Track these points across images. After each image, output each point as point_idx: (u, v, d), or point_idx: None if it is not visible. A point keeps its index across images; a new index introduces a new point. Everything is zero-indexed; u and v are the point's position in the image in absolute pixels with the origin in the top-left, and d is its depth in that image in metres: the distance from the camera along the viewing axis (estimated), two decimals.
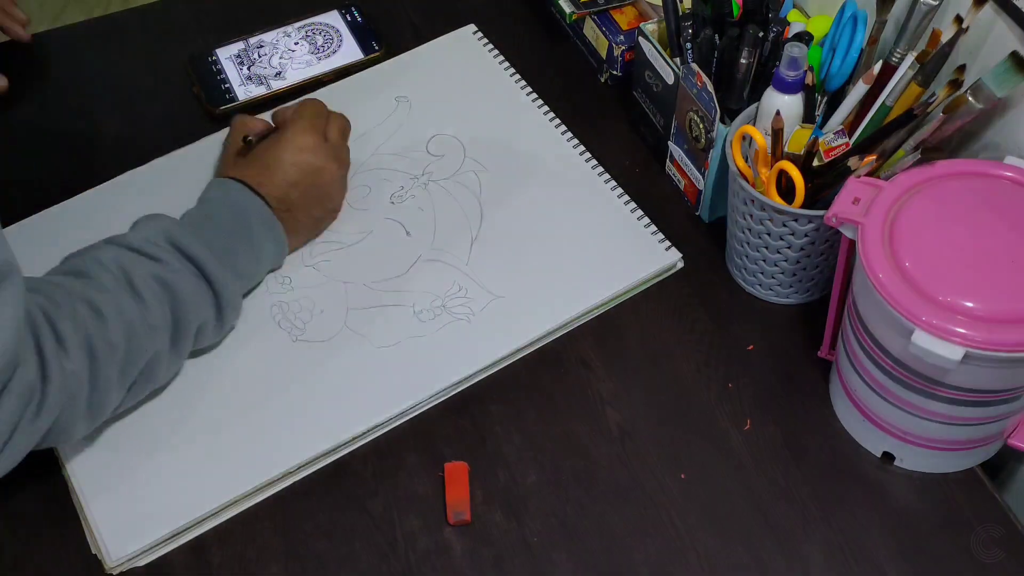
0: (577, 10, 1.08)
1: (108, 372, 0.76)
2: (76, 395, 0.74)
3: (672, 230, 0.98)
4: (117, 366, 0.77)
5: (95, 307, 0.76)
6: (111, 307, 0.77)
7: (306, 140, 0.92)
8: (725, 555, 0.81)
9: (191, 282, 0.82)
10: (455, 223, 0.98)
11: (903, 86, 0.83)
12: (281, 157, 0.91)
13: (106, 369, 0.76)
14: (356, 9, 1.15)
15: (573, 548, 0.81)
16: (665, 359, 0.91)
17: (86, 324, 0.75)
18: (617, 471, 0.85)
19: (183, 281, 0.81)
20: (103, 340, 0.76)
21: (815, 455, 0.86)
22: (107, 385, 0.77)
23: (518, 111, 1.06)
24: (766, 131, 0.86)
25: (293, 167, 0.91)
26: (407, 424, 0.88)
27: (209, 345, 0.89)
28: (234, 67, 1.10)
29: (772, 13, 0.92)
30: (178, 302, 0.81)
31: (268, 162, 0.91)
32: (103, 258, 0.80)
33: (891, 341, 0.76)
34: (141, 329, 0.78)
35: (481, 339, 0.91)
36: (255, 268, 0.90)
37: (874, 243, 0.75)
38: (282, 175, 0.91)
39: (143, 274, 0.80)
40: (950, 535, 0.82)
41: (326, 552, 0.82)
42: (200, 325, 0.84)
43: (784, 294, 0.93)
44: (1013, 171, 0.78)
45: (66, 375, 0.73)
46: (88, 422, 0.78)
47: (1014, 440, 0.84)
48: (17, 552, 0.82)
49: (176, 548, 0.82)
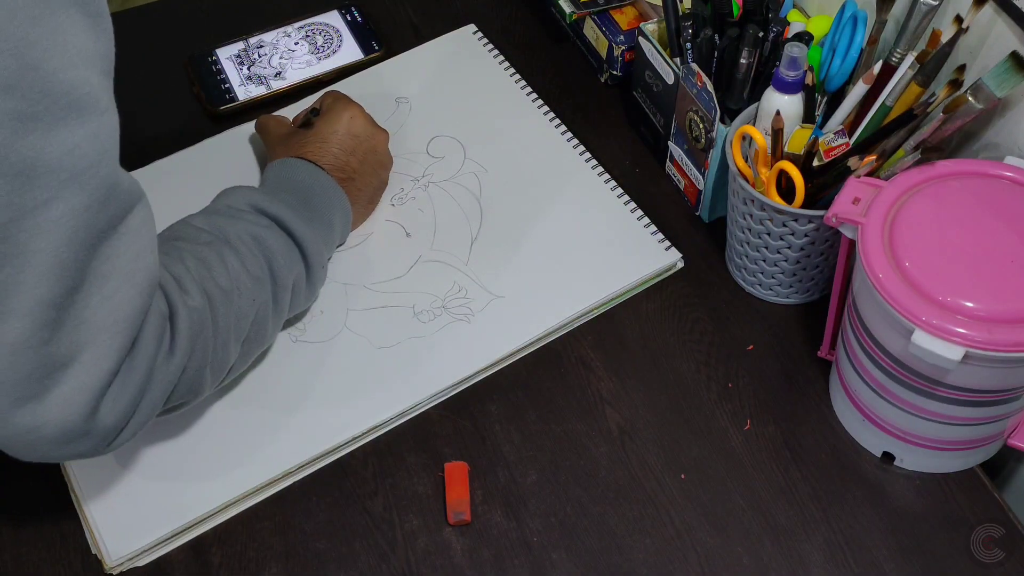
0: (577, 10, 1.08)
1: (227, 315, 0.77)
2: (203, 333, 0.74)
3: (672, 230, 0.98)
4: (232, 311, 0.77)
5: (201, 258, 0.78)
6: (215, 259, 0.78)
7: (354, 110, 0.95)
8: (725, 555, 0.81)
9: (281, 238, 0.83)
10: (455, 224, 0.98)
11: (903, 86, 0.83)
12: (336, 128, 0.93)
13: (224, 311, 0.76)
14: (356, 9, 1.15)
15: (573, 548, 0.81)
16: (665, 359, 0.91)
17: (198, 270, 0.76)
18: (617, 471, 0.85)
19: (273, 237, 0.83)
20: (215, 285, 0.76)
21: (815, 455, 0.86)
22: (227, 330, 0.77)
23: (518, 111, 1.06)
24: (766, 131, 0.86)
25: (349, 136, 0.93)
26: (407, 424, 0.88)
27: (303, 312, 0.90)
28: (234, 67, 1.10)
29: (772, 13, 0.92)
30: (272, 256, 0.82)
31: (323, 135, 0.93)
32: (195, 222, 0.82)
33: (891, 341, 0.76)
34: (245, 279, 0.79)
35: (481, 339, 0.91)
36: (330, 236, 0.90)
37: (874, 243, 0.75)
38: (339, 145, 0.93)
39: (237, 230, 0.81)
40: (950, 535, 0.82)
41: (326, 552, 0.82)
42: (295, 282, 0.85)
43: (784, 294, 0.93)
44: (1013, 171, 0.78)
45: (191, 311, 0.73)
46: (214, 373, 0.77)
47: (1014, 440, 0.85)
48: (17, 552, 0.82)
49: (176, 548, 0.82)
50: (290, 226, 0.84)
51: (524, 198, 1.00)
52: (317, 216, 0.88)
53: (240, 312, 0.78)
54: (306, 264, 0.86)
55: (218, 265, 0.78)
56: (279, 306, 0.83)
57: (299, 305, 0.88)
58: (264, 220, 0.84)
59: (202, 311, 0.74)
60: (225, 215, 0.83)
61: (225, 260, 0.78)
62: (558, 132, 1.04)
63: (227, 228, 0.81)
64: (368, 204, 0.97)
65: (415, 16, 1.17)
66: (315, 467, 0.86)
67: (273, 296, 0.82)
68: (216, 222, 0.82)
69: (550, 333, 0.92)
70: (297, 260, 0.85)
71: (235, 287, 0.78)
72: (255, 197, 0.85)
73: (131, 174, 0.70)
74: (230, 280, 0.78)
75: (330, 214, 0.89)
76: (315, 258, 0.86)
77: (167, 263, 0.75)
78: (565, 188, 1.00)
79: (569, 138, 1.04)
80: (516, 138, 1.04)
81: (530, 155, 1.03)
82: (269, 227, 0.83)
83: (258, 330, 0.81)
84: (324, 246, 0.88)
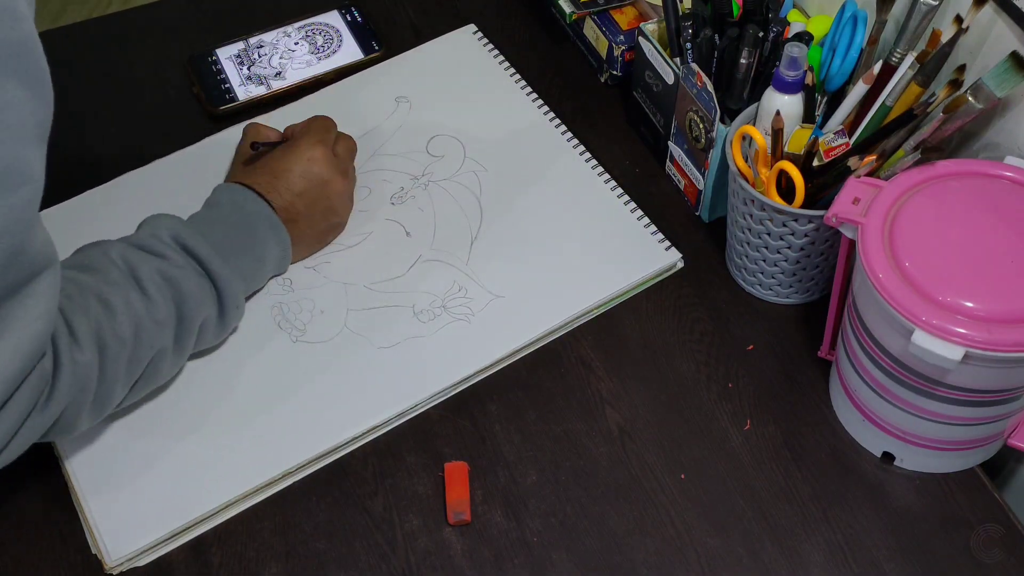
0: (577, 10, 1.08)
1: (116, 365, 0.77)
2: (85, 387, 0.75)
3: (672, 230, 0.98)
4: (125, 360, 0.77)
5: (104, 300, 0.77)
6: (120, 301, 0.77)
7: (315, 152, 0.93)
8: (725, 555, 0.81)
9: (194, 279, 0.82)
10: (455, 223, 0.98)
11: (903, 86, 0.83)
12: (290, 167, 0.92)
13: (115, 362, 0.76)
14: (356, 9, 1.15)
15: (573, 548, 0.81)
16: (665, 359, 0.91)
17: (97, 317, 0.76)
18: (617, 471, 0.85)
19: (187, 278, 0.82)
20: (112, 333, 0.76)
21: (815, 455, 0.86)
22: (114, 378, 0.77)
23: (518, 111, 1.06)
24: (766, 131, 0.86)
25: (301, 177, 0.91)
26: (407, 424, 0.88)
27: (208, 347, 0.89)
28: (234, 67, 1.10)
29: (772, 13, 0.92)
30: (182, 298, 0.81)
31: (276, 171, 0.92)
32: (111, 252, 0.81)
33: (891, 341, 0.76)
34: (148, 324, 0.79)
35: (481, 339, 0.91)
36: (259, 271, 0.90)
37: (874, 243, 0.75)
38: (289, 184, 0.91)
39: (148, 270, 0.80)
40: (950, 535, 0.82)
41: (326, 552, 0.82)
42: (203, 323, 0.84)
43: (784, 294, 0.93)
44: (1013, 171, 0.78)
45: (77, 366, 0.73)
46: (92, 416, 0.78)
47: (1014, 440, 0.85)
48: (17, 552, 0.82)
49: (176, 548, 0.82)
50: (210, 267, 0.83)
51: (524, 198, 1.00)
52: (245, 251, 0.87)
53: (134, 360, 0.78)
54: (220, 305, 0.85)
55: (121, 310, 0.77)
56: (181, 347, 0.83)
57: (206, 343, 0.87)
58: (182, 259, 0.82)
59: (89, 365, 0.74)
60: (144, 248, 0.82)
61: (130, 304, 0.78)
62: (558, 132, 1.04)
63: (140, 266, 0.80)
64: (315, 243, 0.96)
65: (415, 16, 1.17)
66: (315, 467, 0.86)
67: (175, 338, 0.82)
68: (131, 257, 0.81)
69: (550, 333, 0.92)
70: (211, 302, 0.84)
71: (134, 334, 0.77)
72: (180, 230, 0.84)
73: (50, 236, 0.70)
74: (129, 327, 0.77)
75: (262, 250, 0.89)
76: (230, 299, 0.85)
77: (67, 308, 0.74)
78: (565, 188, 1.00)
79: (569, 138, 1.04)
80: (516, 138, 1.04)
81: (530, 155, 1.03)
82: (184, 267, 0.82)
83: (152, 372, 0.81)
84: (246, 283, 0.88)
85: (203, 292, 0.83)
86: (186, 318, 0.82)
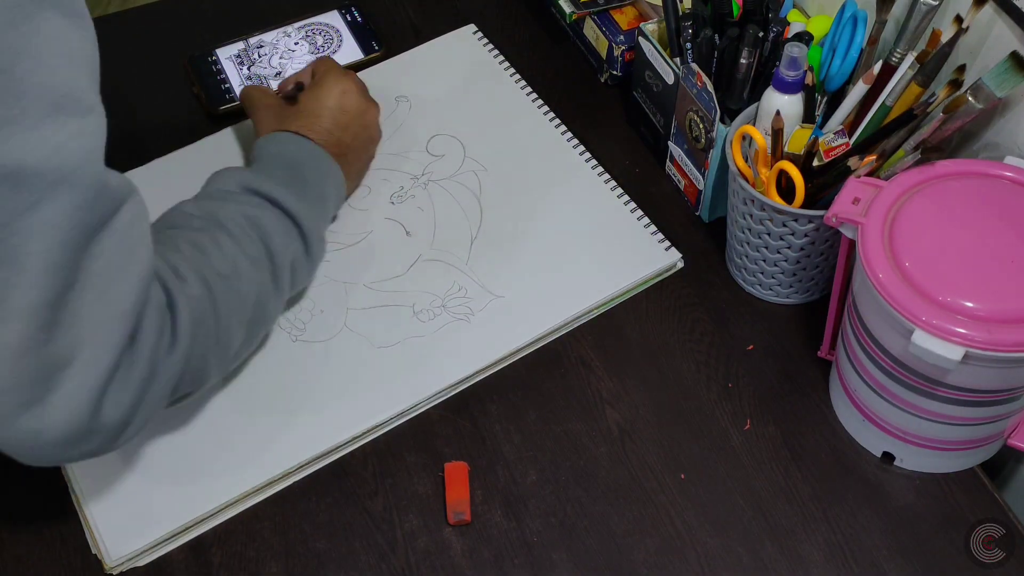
0: (577, 10, 1.08)
1: (227, 300, 0.76)
2: (204, 323, 0.74)
3: (672, 230, 0.98)
4: (234, 296, 0.77)
5: (196, 244, 0.77)
6: (210, 244, 0.78)
7: (349, 84, 0.94)
8: (725, 555, 0.81)
9: (274, 216, 0.83)
10: (455, 223, 0.98)
11: (903, 86, 0.83)
12: (326, 103, 0.93)
13: (224, 297, 0.76)
14: (356, 9, 1.15)
15: (573, 548, 0.81)
16: (665, 359, 0.91)
17: (195, 258, 0.76)
18: (617, 471, 0.85)
19: (267, 216, 0.82)
20: (212, 271, 0.76)
21: (815, 455, 0.86)
22: (228, 316, 0.76)
23: (518, 111, 1.06)
24: (766, 131, 0.86)
25: (341, 111, 0.93)
26: (407, 424, 0.88)
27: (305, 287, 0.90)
28: (234, 67, 1.10)
29: (772, 13, 0.92)
30: (267, 236, 0.82)
31: (315, 110, 0.92)
32: (186, 209, 0.82)
33: (891, 341, 0.76)
34: (242, 261, 0.79)
35: (481, 339, 0.91)
36: (325, 208, 0.90)
37: (874, 243, 0.75)
38: (332, 120, 0.92)
39: (229, 213, 0.81)
40: (950, 535, 0.82)
41: (326, 552, 0.82)
42: (293, 260, 0.84)
43: (784, 294, 0.93)
44: (1013, 171, 0.78)
45: (191, 300, 0.73)
46: (219, 360, 0.77)
47: (1014, 440, 0.85)
48: (17, 552, 0.82)
49: (176, 548, 0.82)
50: (284, 203, 0.84)
51: (524, 198, 1.00)
52: (311, 191, 0.87)
53: (241, 295, 0.78)
54: (304, 240, 0.85)
55: (214, 250, 0.77)
56: (279, 285, 0.83)
57: (300, 282, 0.88)
58: (257, 200, 0.83)
59: (201, 299, 0.74)
60: (217, 198, 0.83)
61: (220, 244, 0.78)
62: (558, 132, 1.04)
63: (219, 212, 0.81)
64: (357, 177, 0.97)
65: (415, 16, 1.17)
66: (315, 467, 0.86)
67: (272, 275, 0.82)
68: (208, 207, 0.81)
69: (550, 333, 0.92)
70: (294, 237, 0.84)
71: (233, 271, 0.77)
72: (246, 177, 0.85)
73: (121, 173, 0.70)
74: (227, 264, 0.77)
75: (324, 187, 0.89)
76: (312, 233, 0.86)
77: (162, 252, 0.74)
78: (565, 188, 1.00)
79: (569, 138, 1.04)
80: (516, 138, 1.04)
81: (530, 155, 1.03)
82: (262, 206, 0.83)
83: (261, 311, 0.81)
84: (320, 220, 0.88)
85: (285, 227, 0.83)
86: (276, 254, 0.82)
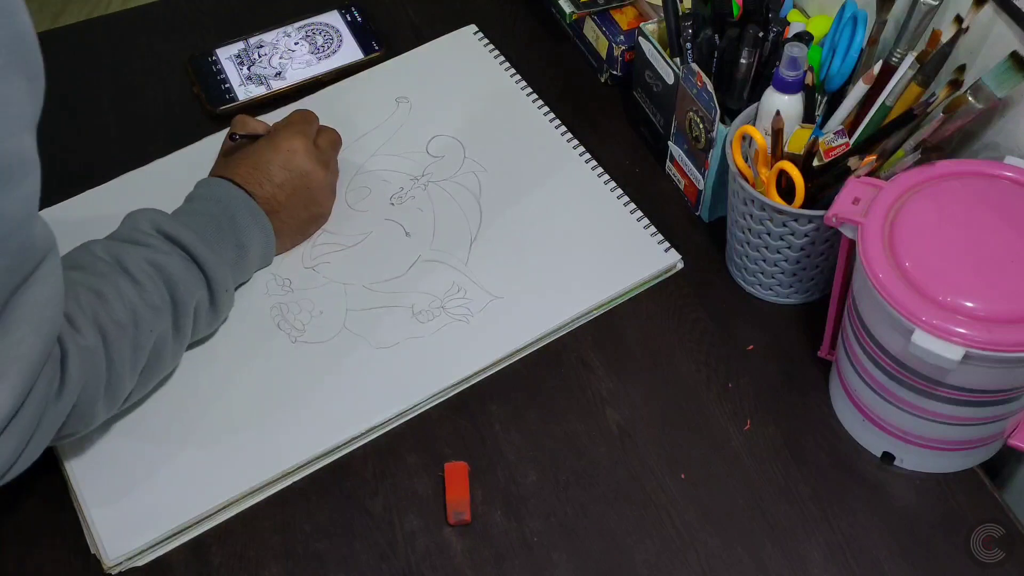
0: (577, 10, 1.08)
1: (121, 349, 0.77)
2: (95, 372, 0.75)
3: (672, 230, 0.98)
4: (128, 344, 0.78)
5: (96, 291, 0.77)
6: (111, 290, 0.78)
7: (295, 143, 0.93)
8: (725, 555, 0.81)
9: (181, 264, 0.83)
10: (454, 224, 0.98)
11: (903, 86, 0.83)
12: (269, 158, 0.92)
13: (118, 346, 0.76)
14: (356, 9, 1.15)
15: (573, 548, 0.81)
16: (665, 359, 0.91)
17: (92, 306, 0.76)
18: (617, 471, 0.85)
19: (174, 263, 0.82)
20: (110, 319, 0.76)
21: (815, 455, 0.86)
22: (121, 364, 0.77)
23: (518, 111, 1.06)
24: (766, 131, 0.86)
25: (281, 169, 0.92)
26: (407, 424, 0.88)
27: (205, 336, 0.89)
28: (234, 67, 1.10)
29: (772, 13, 0.92)
30: (172, 283, 0.82)
31: (257, 162, 0.92)
32: (94, 249, 0.82)
33: (891, 341, 0.76)
34: (143, 309, 0.79)
35: (480, 340, 0.91)
36: (244, 260, 0.90)
37: (874, 243, 0.75)
38: (270, 175, 0.92)
39: (135, 258, 0.81)
40: (950, 535, 0.82)
41: (326, 552, 0.82)
42: (196, 307, 0.84)
43: (784, 294, 0.93)
44: (1013, 171, 0.78)
45: (83, 351, 0.73)
46: (107, 405, 0.78)
47: (1014, 440, 0.84)
48: (17, 552, 0.82)
49: (176, 548, 0.82)
50: (193, 251, 0.84)
51: (524, 198, 1.00)
52: (229, 240, 0.88)
53: (136, 343, 0.79)
54: (209, 289, 0.85)
55: (114, 298, 0.78)
56: (180, 332, 0.84)
57: (202, 330, 0.88)
58: (166, 246, 0.83)
59: (94, 349, 0.75)
60: (128, 240, 0.83)
61: (121, 292, 0.78)
62: (558, 132, 1.04)
63: (126, 256, 0.81)
64: (298, 234, 0.96)
65: (415, 16, 1.17)
66: (315, 467, 0.86)
67: (174, 323, 0.82)
68: (115, 250, 0.82)
69: (550, 333, 0.92)
70: (201, 286, 0.85)
71: (131, 319, 0.78)
72: (161, 220, 0.85)
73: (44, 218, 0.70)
74: (126, 312, 0.78)
75: (246, 238, 0.89)
76: (219, 283, 0.86)
77: None
78: (565, 188, 1.00)
79: (569, 138, 1.04)
80: (516, 138, 1.04)
81: (530, 155, 1.03)
82: (171, 253, 0.83)
83: (156, 359, 0.82)
84: (233, 271, 0.88)
85: (192, 276, 0.84)
86: (180, 302, 0.82)
